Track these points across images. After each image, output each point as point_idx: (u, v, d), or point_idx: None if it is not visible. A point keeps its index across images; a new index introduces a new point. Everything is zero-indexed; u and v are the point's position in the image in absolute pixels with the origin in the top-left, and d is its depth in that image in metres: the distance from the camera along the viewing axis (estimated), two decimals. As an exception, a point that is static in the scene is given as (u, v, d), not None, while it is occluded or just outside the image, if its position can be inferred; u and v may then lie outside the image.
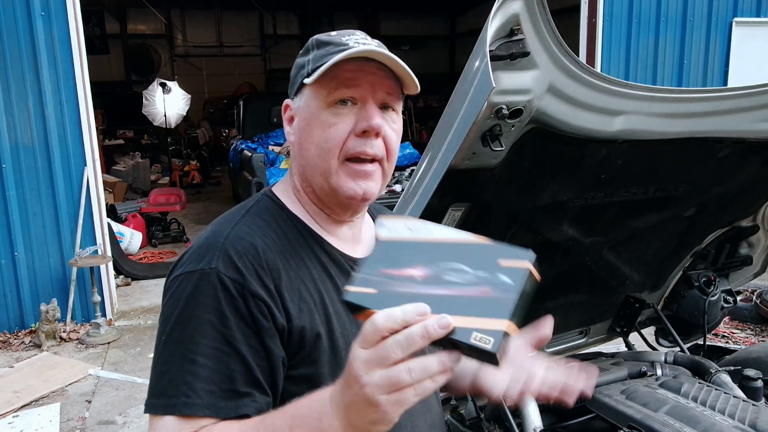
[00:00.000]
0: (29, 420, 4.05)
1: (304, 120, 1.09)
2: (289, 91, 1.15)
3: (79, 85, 5.40)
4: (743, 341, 4.92)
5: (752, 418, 1.78)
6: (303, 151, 1.10)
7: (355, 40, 1.07)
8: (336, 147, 1.06)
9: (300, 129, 1.10)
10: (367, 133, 1.06)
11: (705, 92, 1.79)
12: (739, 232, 2.64)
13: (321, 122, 1.06)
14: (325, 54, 1.05)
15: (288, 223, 1.10)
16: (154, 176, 12.64)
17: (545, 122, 1.61)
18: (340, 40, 1.07)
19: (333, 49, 1.05)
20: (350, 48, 1.04)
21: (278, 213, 1.11)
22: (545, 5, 1.38)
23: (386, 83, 1.08)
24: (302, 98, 1.10)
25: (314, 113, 1.07)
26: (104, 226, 5.79)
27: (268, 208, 1.11)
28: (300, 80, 1.09)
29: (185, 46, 17.06)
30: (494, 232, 2.02)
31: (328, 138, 1.05)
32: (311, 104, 1.07)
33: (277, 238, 1.06)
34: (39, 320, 5.26)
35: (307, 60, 1.09)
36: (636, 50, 6.93)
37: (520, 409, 2.05)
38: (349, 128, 1.06)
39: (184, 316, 0.96)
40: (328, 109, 1.06)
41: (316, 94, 1.06)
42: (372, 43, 1.08)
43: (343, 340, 1.04)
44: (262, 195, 1.15)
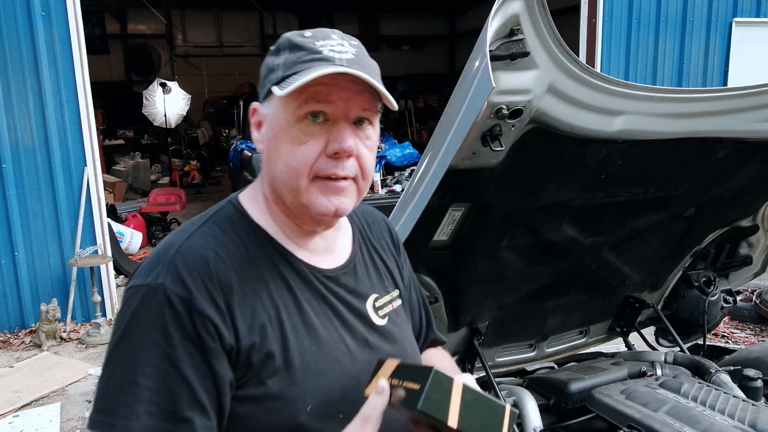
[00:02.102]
0: (29, 420, 4.05)
1: (272, 131, 1.02)
2: (258, 91, 1.07)
3: (79, 85, 5.39)
4: (743, 341, 4.92)
5: (752, 418, 1.78)
6: (271, 164, 1.03)
7: (330, 47, 0.98)
8: (305, 166, 0.99)
9: (269, 139, 1.03)
10: (338, 155, 0.99)
11: (705, 92, 1.80)
12: (738, 232, 2.64)
13: (290, 137, 0.99)
14: (297, 61, 0.98)
15: (249, 233, 1.04)
16: (154, 176, 12.63)
17: (545, 122, 1.61)
18: (313, 46, 0.99)
19: (305, 56, 0.98)
20: (324, 59, 0.97)
21: (240, 222, 1.05)
22: (545, 5, 1.38)
23: (361, 99, 0.99)
24: (271, 106, 1.02)
25: (283, 126, 0.99)
26: (104, 226, 5.79)
27: (229, 217, 1.05)
28: (269, 85, 1.01)
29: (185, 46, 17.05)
30: (494, 232, 2.02)
31: (297, 156, 0.98)
32: (280, 115, 1.00)
33: (235, 249, 1.00)
34: (39, 320, 5.26)
35: (278, 63, 1.01)
36: (636, 50, 6.93)
37: (520, 409, 2.05)
38: (320, 147, 0.99)
39: (129, 332, 0.92)
40: (298, 124, 0.98)
41: (286, 106, 0.98)
42: (349, 51, 1.00)
43: (300, 357, 0.99)
44: (227, 202, 1.09)
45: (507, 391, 2.15)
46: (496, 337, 2.50)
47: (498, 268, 2.17)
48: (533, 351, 2.70)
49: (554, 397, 2.16)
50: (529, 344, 2.69)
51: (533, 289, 2.36)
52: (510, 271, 2.21)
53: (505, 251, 2.12)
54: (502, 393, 2.10)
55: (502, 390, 2.14)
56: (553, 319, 2.60)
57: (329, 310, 1.06)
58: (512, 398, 2.09)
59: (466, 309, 2.25)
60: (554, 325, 2.63)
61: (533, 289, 2.36)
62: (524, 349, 2.69)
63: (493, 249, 2.09)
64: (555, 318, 2.60)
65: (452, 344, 2.41)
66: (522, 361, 2.69)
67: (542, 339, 2.68)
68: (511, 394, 2.12)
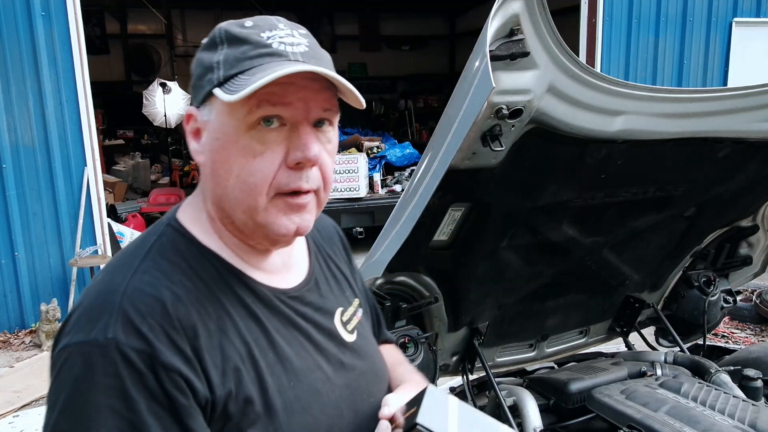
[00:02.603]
0: (29, 420, 4.05)
1: (217, 141, 0.86)
2: (192, 94, 0.91)
3: (79, 85, 5.40)
4: (743, 341, 4.92)
5: (752, 418, 1.78)
6: (218, 179, 0.87)
7: (279, 39, 0.85)
8: (264, 182, 0.85)
9: (213, 151, 0.87)
10: (301, 165, 0.86)
11: (705, 92, 1.80)
12: (738, 232, 2.64)
13: (242, 148, 0.84)
14: (241, 57, 0.84)
15: (201, 260, 0.89)
16: (154, 176, 12.63)
17: (545, 122, 1.61)
18: (259, 39, 0.85)
19: (251, 51, 0.84)
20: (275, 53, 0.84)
21: (187, 248, 0.89)
22: (545, 5, 1.38)
23: (321, 97, 0.86)
24: (212, 111, 0.87)
25: (231, 135, 0.84)
26: (104, 226, 5.79)
27: (173, 243, 0.89)
28: (208, 87, 0.85)
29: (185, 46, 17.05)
30: (494, 232, 2.02)
31: (254, 171, 0.84)
32: (226, 122, 0.85)
33: (190, 283, 0.86)
34: (39, 320, 5.26)
35: (217, 61, 0.86)
36: (636, 50, 6.93)
37: (520, 409, 2.05)
38: (279, 159, 0.85)
39: (76, 403, 0.76)
40: (250, 132, 0.84)
41: (233, 111, 0.83)
42: (301, 42, 0.87)
43: (280, 398, 0.88)
44: (165, 226, 0.92)
45: (507, 391, 2.15)
46: (496, 337, 2.50)
47: (498, 268, 2.17)
48: (533, 351, 2.70)
49: (554, 397, 2.16)
50: (529, 344, 2.69)
51: (533, 289, 2.36)
52: (510, 271, 2.21)
53: (505, 251, 2.12)
54: (502, 393, 2.10)
55: (502, 390, 2.13)
56: (553, 319, 2.59)
57: (300, 336, 0.95)
58: (512, 398, 2.09)
59: (466, 309, 2.25)
60: (554, 325, 2.63)
61: (533, 289, 2.36)
62: (524, 349, 2.69)
63: (493, 249, 2.09)
64: (555, 318, 2.60)
65: (452, 344, 2.41)
66: (522, 361, 2.69)
67: (542, 339, 2.68)
68: (511, 394, 2.12)
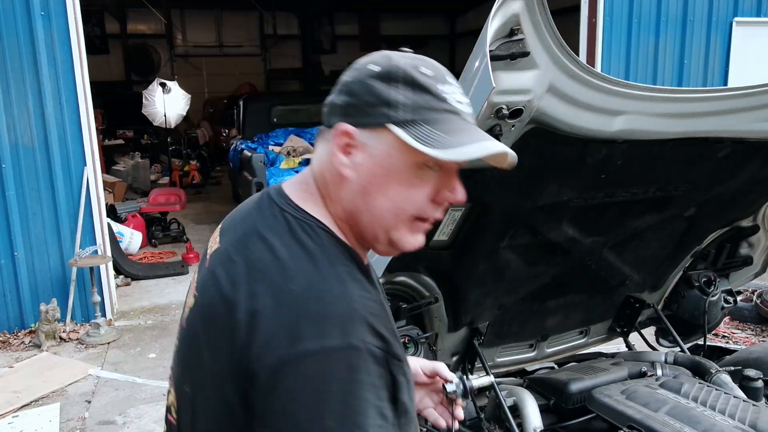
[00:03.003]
0: (29, 420, 4.05)
1: (380, 167, 0.98)
2: (348, 111, 0.99)
3: (79, 85, 5.39)
4: (743, 341, 4.91)
5: (752, 418, 1.78)
6: (368, 197, 1.00)
7: (454, 97, 1.00)
8: (413, 209, 1.01)
9: (371, 173, 0.99)
10: (446, 202, 1.03)
11: (705, 92, 1.80)
12: (739, 232, 2.64)
13: (403, 180, 0.98)
14: (424, 106, 0.96)
15: (355, 263, 1.03)
16: (154, 176, 12.63)
17: (545, 122, 1.61)
18: (438, 92, 0.98)
19: (434, 103, 0.97)
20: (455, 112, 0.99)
21: (346, 253, 1.02)
22: (545, 5, 1.38)
23: None
24: (381, 140, 0.97)
25: (399, 168, 0.98)
26: (104, 226, 5.78)
27: (340, 250, 1.02)
28: (383, 121, 0.96)
29: (185, 46, 17.06)
30: (494, 232, 2.02)
31: (409, 199, 1.00)
32: (397, 156, 0.97)
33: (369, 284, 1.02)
34: (39, 320, 5.25)
35: (395, 99, 0.96)
36: (636, 50, 6.93)
37: (520, 410, 2.05)
38: (430, 193, 1.01)
39: (344, 400, 0.88)
40: (416, 170, 0.98)
41: (409, 151, 0.95)
42: (465, 102, 1.03)
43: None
44: (318, 229, 1.02)
45: (507, 391, 2.15)
46: (496, 337, 2.50)
47: (498, 268, 2.17)
48: (533, 351, 2.70)
49: (554, 397, 2.16)
50: (529, 344, 2.69)
51: (533, 289, 2.36)
52: (510, 271, 2.21)
53: (505, 251, 2.12)
54: (502, 393, 2.10)
55: (502, 390, 2.13)
56: (553, 319, 2.59)
57: None
58: (512, 398, 2.09)
59: (466, 309, 2.25)
60: (554, 325, 2.63)
61: (533, 289, 2.36)
62: (524, 349, 2.69)
63: (493, 249, 2.09)
64: (555, 318, 2.60)
65: (452, 344, 2.41)
66: (522, 361, 2.69)
67: (542, 339, 2.68)
68: (511, 394, 2.11)
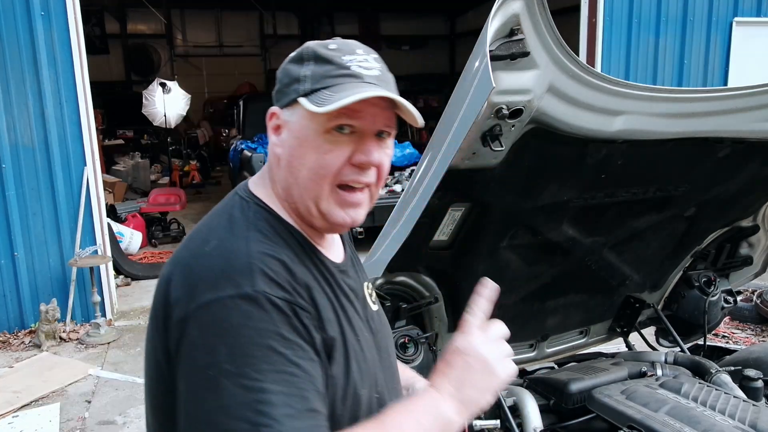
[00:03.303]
0: (29, 420, 4.05)
1: (296, 139, 1.05)
2: (275, 97, 1.10)
3: (79, 85, 5.39)
4: (743, 341, 4.91)
5: (752, 418, 1.78)
6: (292, 170, 1.06)
7: (358, 63, 1.04)
8: (330, 174, 1.04)
9: (291, 147, 1.06)
10: (363, 166, 1.05)
11: (705, 92, 1.80)
12: (739, 232, 2.64)
13: (316, 146, 1.03)
14: (325, 75, 1.02)
15: (288, 235, 1.07)
16: (154, 176, 12.63)
17: (545, 122, 1.61)
18: (341, 61, 1.03)
19: (334, 71, 1.02)
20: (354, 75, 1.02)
21: (277, 224, 1.07)
22: (545, 5, 1.38)
23: (387, 114, 1.06)
24: (295, 114, 1.05)
25: (309, 136, 1.03)
26: (104, 226, 5.78)
27: (267, 220, 1.07)
28: (294, 96, 1.04)
29: (185, 46, 17.06)
30: (494, 232, 2.02)
31: (324, 164, 1.03)
32: (307, 125, 1.04)
33: (289, 251, 1.04)
34: (39, 320, 5.25)
35: (304, 75, 1.04)
36: (636, 50, 6.93)
37: (520, 410, 2.05)
38: (345, 156, 1.04)
39: (239, 345, 0.91)
40: (326, 135, 1.03)
41: (314, 117, 1.02)
42: (374, 67, 1.06)
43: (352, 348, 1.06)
44: (254, 204, 1.09)
45: (507, 391, 2.14)
46: (496, 337, 2.50)
47: (498, 268, 2.16)
48: (533, 351, 2.70)
49: (554, 397, 2.16)
50: (529, 344, 2.69)
51: (533, 289, 2.36)
52: (510, 271, 2.21)
53: (505, 251, 2.12)
54: (502, 393, 2.10)
55: (502, 390, 2.13)
56: (553, 319, 2.59)
57: (351, 303, 1.13)
58: (512, 398, 2.09)
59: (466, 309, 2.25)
60: (554, 325, 2.63)
61: (533, 289, 2.35)
62: (524, 349, 2.69)
63: (493, 249, 2.08)
64: (555, 318, 2.60)
65: (452, 344, 2.40)
66: (522, 361, 2.69)
67: (542, 339, 2.68)
68: (511, 394, 2.11)
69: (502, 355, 1.07)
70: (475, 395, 1.03)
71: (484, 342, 1.06)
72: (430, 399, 1.02)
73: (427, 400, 1.02)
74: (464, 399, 1.02)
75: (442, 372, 1.06)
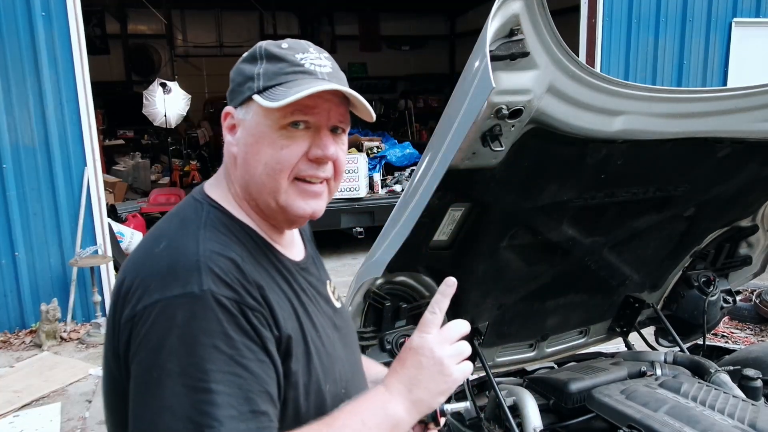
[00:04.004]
0: (30, 420, 4.05)
1: (251, 136, 1.05)
2: (230, 97, 1.10)
3: (79, 85, 5.39)
4: (743, 341, 4.92)
5: (752, 417, 1.78)
6: (248, 167, 1.06)
7: (310, 61, 1.05)
8: (287, 169, 1.04)
9: (246, 144, 1.06)
10: (319, 160, 1.06)
11: (705, 92, 1.80)
12: (738, 232, 2.65)
13: (272, 142, 1.03)
14: (278, 72, 1.03)
15: (243, 234, 1.06)
16: (155, 176, 12.62)
17: (545, 122, 1.61)
18: (294, 59, 1.04)
19: (287, 68, 1.03)
20: (307, 72, 1.03)
21: (231, 224, 1.06)
22: (545, 5, 1.38)
23: (340, 110, 1.07)
24: (249, 112, 1.05)
25: (264, 132, 1.04)
26: (104, 226, 5.79)
27: (220, 219, 1.06)
28: (248, 93, 1.05)
29: (185, 46, 17.05)
30: (494, 232, 2.02)
31: (280, 159, 1.04)
32: (261, 122, 1.04)
33: (243, 250, 1.03)
34: (39, 320, 5.26)
35: (257, 73, 1.05)
36: (636, 50, 6.93)
37: (520, 409, 2.05)
38: (301, 151, 1.04)
39: (184, 344, 0.89)
40: (281, 131, 1.03)
41: (269, 113, 1.03)
42: (326, 64, 1.07)
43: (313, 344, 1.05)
44: (200, 203, 1.09)
45: (507, 391, 2.15)
46: (496, 337, 2.50)
47: (498, 268, 2.17)
48: (533, 351, 2.70)
49: (554, 397, 2.16)
50: (529, 344, 2.69)
51: (533, 289, 2.36)
52: (510, 271, 2.21)
53: (505, 251, 2.12)
54: (502, 393, 2.10)
55: (502, 390, 2.14)
56: (553, 319, 2.60)
57: (312, 300, 1.12)
58: (512, 398, 2.09)
59: (466, 309, 2.26)
60: (554, 325, 2.63)
61: (533, 289, 2.36)
62: (524, 349, 2.69)
63: (493, 249, 2.09)
64: (555, 318, 2.60)
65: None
66: (522, 361, 2.69)
67: (542, 339, 2.68)
68: (511, 394, 2.12)
69: (458, 355, 1.06)
70: (426, 396, 1.02)
71: (440, 341, 1.05)
72: (379, 399, 1.02)
73: (376, 400, 1.02)
74: (414, 399, 1.02)
75: (395, 371, 1.05)
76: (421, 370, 1.03)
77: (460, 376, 1.05)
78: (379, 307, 2.08)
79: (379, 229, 1.88)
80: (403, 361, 1.05)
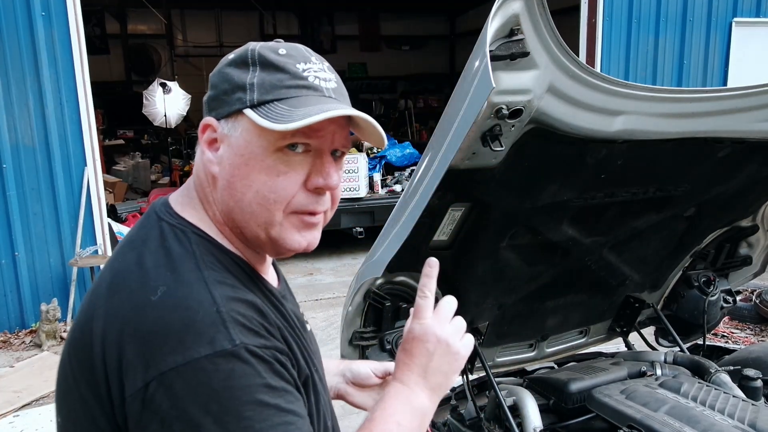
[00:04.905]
0: (30, 420, 4.05)
1: (239, 156, 0.90)
2: (209, 105, 0.95)
3: (79, 85, 5.40)
4: (743, 341, 4.92)
5: (752, 417, 1.78)
6: (234, 191, 0.92)
7: (314, 73, 0.92)
8: (284, 200, 0.91)
9: (233, 165, 0.91)
10: (320, 190, 0.93)
11: (705, 92, 1.80)
12: (738, 232, 2.64)
13: (266, 167, 0.89)
14: (277, 84, 0.89)
15: (235, 266, 0.94)
16: (155, 176, 12.63)
17: (545, 122, 1.61)
18: (295, 70, 0.90)
19: (288, 80, 0.89)
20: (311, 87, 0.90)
21: (221, 255, 0.93)
22: (545, 5, 1.38)
23: (344, 132, 0.94)
24: (238, 128, 0.90)
25: (257, 154, 0.89)
26: (104, 226, 5.79)
27: (210, 251, 0.92)
28: (238, 106, 0.89)
29: (185, 46, 17.05)
30: (494, 232, 2.02)
31: (276, 189, 0.90)
32: (253, 142, 0.89)
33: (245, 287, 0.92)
34: (39, 320, 5.26)
35: (249, 82, 0.89)
36: (636, 50, 6.94)
37: (520, 409, 2.05)
38: (300, 180, 0.91)
39: (228, 411, 0.79)
40: (277, 154, 0.89)
41: (264, 133, 0.88)
42: (331, 78, 0.94)
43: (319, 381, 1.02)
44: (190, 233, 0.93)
45: (507, 391, 2.15)
46: (496, 337, 2.50)
47: (498, 268, 2.17)
48: (533, 351, 2.70)
49: (554, 397, 2.16)
50: (529, 344, 2.69)
51: (533, 289, 2.36)
52: (510, 271, 2.21)
53: (505, 251, 2.12)
54: (502, 393, 2.10)
55: (502, 390, 2.14)
56: (553, 319, 2.60)
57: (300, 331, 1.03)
58: (512, 398, 2.09)
59: (466, 309, 2.25)
60: (554, 325, 2.63)
61: (533, 289, 2.36)
62: (524, 349, 2.69)
63: (493, 249, 2.09)
64: (555, 318, 2.60)
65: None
66: (522, 361, 2.69)
67: (542, 339, 2.68)
68: (511, 394, 2.12)
69: (459, 332, 1.07)
70: (442, 379, 1.04)
71: (438, 323, 1.05)
72: (402, 396, 1.01)
73: (399, 398, 1.01)
74: (432, 385, 1.03)
75: (405, 364, 1.04)
76: (431, 356, 1.03)
77: (467, 351, 1.06)
78: (379, 307, 2.08)
79: (379, 229, 1.88)
80: (410, 351, 1.04)
